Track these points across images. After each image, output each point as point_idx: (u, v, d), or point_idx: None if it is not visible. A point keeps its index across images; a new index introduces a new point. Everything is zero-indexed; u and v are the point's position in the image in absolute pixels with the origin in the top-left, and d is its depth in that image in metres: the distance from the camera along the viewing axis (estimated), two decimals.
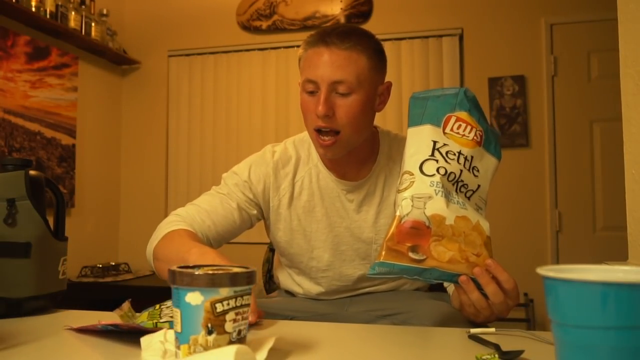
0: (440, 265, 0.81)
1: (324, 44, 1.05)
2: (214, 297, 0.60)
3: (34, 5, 2.71)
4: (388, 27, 3.31)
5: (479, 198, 0.90)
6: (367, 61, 1.06)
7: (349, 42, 1.04)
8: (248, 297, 0.63)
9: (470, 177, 0.88)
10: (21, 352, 0.76)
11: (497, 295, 0.82)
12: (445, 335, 0.85)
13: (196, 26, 3.60)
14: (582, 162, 3.09)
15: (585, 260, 0.77)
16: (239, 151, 3.44)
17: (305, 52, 1.09)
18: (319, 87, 1.05)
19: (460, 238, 0.82)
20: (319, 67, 1.04)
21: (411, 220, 0.81)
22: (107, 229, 3.50)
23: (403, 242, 0.80)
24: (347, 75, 1.04)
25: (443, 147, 0.87)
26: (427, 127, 0.88)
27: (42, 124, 2.89)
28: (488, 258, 0.83)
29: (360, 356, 0.74)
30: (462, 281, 0.82)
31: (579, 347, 0.48)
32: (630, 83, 1.00)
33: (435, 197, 0.82)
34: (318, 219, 1.18)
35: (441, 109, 0.90)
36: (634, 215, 1.01)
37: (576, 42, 3.11)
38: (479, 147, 0.90)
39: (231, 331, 0.62)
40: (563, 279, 0.49)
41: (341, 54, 1.04)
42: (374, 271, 0.81)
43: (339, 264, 1.19)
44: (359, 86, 1.05)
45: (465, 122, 0.89)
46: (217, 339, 0.61)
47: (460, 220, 0.83)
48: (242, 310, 0.63)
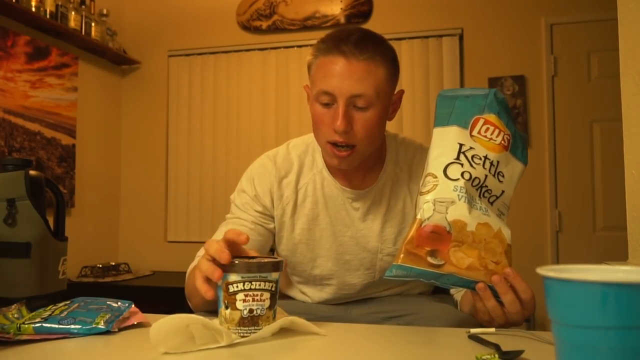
0: (458, 271, 0.80)
1: (341, 53, 0.98)
2: (227, 280, 0.78)
3: (34, 5, 2.71)
4: (388, 27, 3.31)
5: (502, 204, 0.89)
6: (385, 72, 1.01)
7: (367, 52, 0.98)
8: (260, 282, 0.77)
9: (494, 183, 0.87)
10: (21, 352, 0.76)
11: (513, 304, 0.82)
12: (445, 335, 0.85)
13: (196, 26, 3.60)
14: (582, 162, 3.08)
15: (585, 260, 0.77)
16: (239, 151, 3.44)
17: (317, 58, 1.03)
18: (335, 100, 1.00)
19: (480, 245, 0.81)
20: (335, 79, 0.98)
21: (432, 225, 0.80)
22: (107, 229, 3.50)
23: (422, 246, 0.79)
24: (366, 89, 0.98)
25: (469, 151, 0.85)
26: (454, 128, 0.86)
27: (42, 124, 2.89)
28: (507, 266, 0.82)
29: (361, 356, 0.74)
30: (479, 288, 0.81)
31: (579, 347, 0.48)
32: (630, 83, 1.00)
33: (458, 203, 0.81)
34: (322, 228, 1.15)
35: (469, 110, 0.88)
36: (634, 215, 1.01)
37: (576, 42, 3.11)
38: (505, 151, 0.88)
39: (242, 308, 0.77)
40: (563, 279, 0.49)
41: (360, 65, 0.98)
42: (392, 273, 0.80)
43: (343, 273, 1.16)
44: (377, 99, 1.01)
45: (493, 125, 0.87)
46: (231, 313, 0.78)
47: (481, 227, 0.82)
48: (253, 293, 0.77)
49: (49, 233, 0.99)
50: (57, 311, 0.86)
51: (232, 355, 0.73)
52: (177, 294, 2.89)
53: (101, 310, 0.88)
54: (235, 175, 3.39)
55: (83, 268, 3.07)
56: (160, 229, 3.57)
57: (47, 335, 0.81)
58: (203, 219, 3.48)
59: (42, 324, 0.81)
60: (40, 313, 0.86)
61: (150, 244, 3.56)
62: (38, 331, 0.80)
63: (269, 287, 0.79)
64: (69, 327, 0.82)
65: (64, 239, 1.04)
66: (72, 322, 0.83)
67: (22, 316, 0.85)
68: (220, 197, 3.44)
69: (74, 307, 0.89)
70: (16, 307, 0.87)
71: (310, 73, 1.07)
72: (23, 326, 0.80)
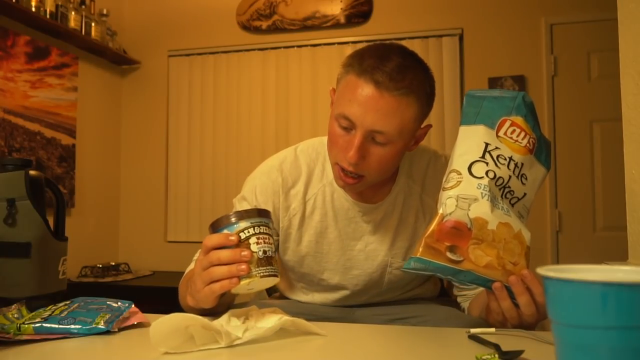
0: (476, 269, 0.80)
1: (374, 82, 0.92)
2: (238, 229, 0.84)
3: (34, 5, 2.71)
4: (388, 27, 3.31)
5: (523, 206, 0.89)
6: (414, 111, 0.95)
7: (401, 87, 0.92)
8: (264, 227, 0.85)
9: (517, 184, 0.87)
10: (21, 352, 0.76)
11: (529, 306, 0.81)
12: (445, 335, 0.85)
13: (196, 26, 3.60)
14: (582, 162, 3.08)
15: (585, 260, 0.77)
16: (239, 151, 3.44)
17: (348, 74, 0.97)
18: (354, 128, 0.95)
19: (500, 244, 0.81)
20: (360, 108, 0.93)
21: (453, 220, 0.80)
22: (107, 229, 3.50)
23: (442, 241, 0.79)
24: (390, 128, 0.93)
25: (495, 151, 0.85)
26: (481, 127, 0.87)
27: (42, 124, 2.89)
28: (525, 268, 0.82)
29: (361, 356, 0.74)
30: (495, 287, 0.81)
31: (579, 347, 0.48)
32: (630, 83, 1.00)
33: (480, 200, 0.81)
34: (330, 241, 1.11)
35: (497, 111, 0.88)
36: (634, 215, 1.01)
37: (576, 42, 3.11)
38: (530, 154, 0.88)
39: (256, 250, 0.83)
40: (563, 279, 0.49)
41: (390, 100, 0.92)
42: (409, 266, 0.79)
43: (351, 287, 1.14)
44: (399, 137, 0.96)
45: (520, 127, 0.88)
46: None
47: (502, 226, 0.82)
48: (262, 236, 0.84)
49: (49, 233, 0.99)
50: (57, 311, 0.86)
51: (232, 355, 0.73)
52: (177, 294, 2.90)
53: (101, 310, 0.88)
54: (235, 175, 3.40)
55: (83, 268, 3.07)
56: (160, 229, 3.57)
57: (47, 335, 0.81)
58: (203, 219, 3.48)
59: (42, 324, 0.81)
60: (40, 313, 0.86)
61: (150, 244, 3.56)
62: (38, 331, 0.80)
63: (271, 232, 0.87)
64: (69, 327, 0.82)
65: (64, 239, 1.04)
66: (72, 322, 0.83)
67: (22, 316, 0.85)
68: (220, 197, 3.44)
69: (74, 307, 0.89)
70: (16, 307, 0.87)
71: (338, 86, 1.01)
72: (23, 326, 0.80)
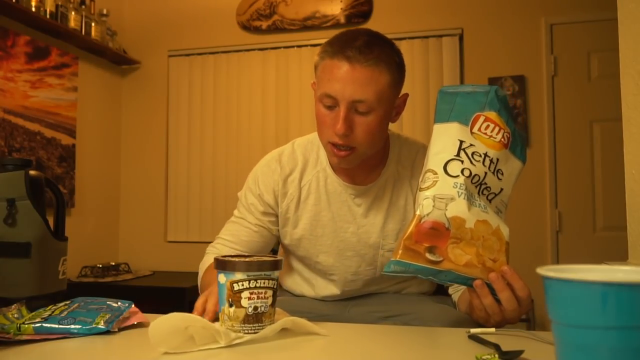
0: (456, 268, 0.80)
1: (345, 58, 1.00)
2: (232, 279, 0.79)
3: (34, 5, 2.71)
4: (388, 27, 3.30)
5: (501, 201, 0.89)
6: (388, 78, 1.02)
7: (371, 58, 1.00)
8: (264, 280, 0.80)
9: (494, 180, 0.87)
10: (21, 352, 0.76)
11: (510, 302, 0.83)
12: (445, 335, 0.85)
13: (196, 26, 3.60)
14: (582, 162, 3.08)
15: (585, 260, 0.77)
16: (239, 151, 3.44)
17: (323, 60, 1.05)
18: (337, 104, 1.02)
19: (478, 242, 0.81)
20: (339, 83, 1.01)
21: (431, 221, 0.80)
22: (107, 229, 3.50)
23: (421, 242, 0.79)
24: (368, 95, 1.00)
25: (469, 148, 0.85)
26: (455, 125, 0.86)
27: (42, 124, 2.89)
28: (505, 264, 0.83)
29: (361, 356, 0.74)
30: (476, 285, 0.82)
31: (579, 347, 0.48)
32: (630, 83, 1.00)
33: (457, 199, 0.81)
34: (324, 224, 1.17)
35: (470, 107, 0.87)
36: (634, 215, 1.01)
37: (576, 42, 3.11)
38: (505, 149, 0.88)
39: (247, 306, 0.79)
40: (563, 279, 0.49)
41: (363, 70, 0.99)
42: (390, 269, 0.80)
43: (344, 269, 1.18)
44: (379, 104, 1.02)
45: (494, 122, 0.87)
46: (236, 311, 0.79)
47: (480, 224, 0.82)
48: (257, 291, 0.79)
49: (49, 233, 0.99)
50: (57, 311, 0.86)
51: (232, 355, 0.73)
52: (177, 294, 2.91)
53: (101, 310, 0.88)
54: (235, 175, 3.40)
55: (83, 268, 3.07)
56: (160, 229, 3.57)
57: (47, 335, 0.81)
58: (203, 219, 3.48)
59: (42, 324, 0.81)
60: (40, 313, 0.86)
61: (150, 244, 3.56)
62: (38, 331, 0.80)
63: (272, 285, 0.81)
64: (69, 327, 0.82)
65: (64, 239, 1.04)
66: (72, 322, 0.83)
67: (22, 316, 0.85)
68: (220, 197, 3.44)
69: (74, 307, 0.89)
70: (16, 307, 0.87)
71: (316, 73, 1.09)
72: (23, 326, 0.80)
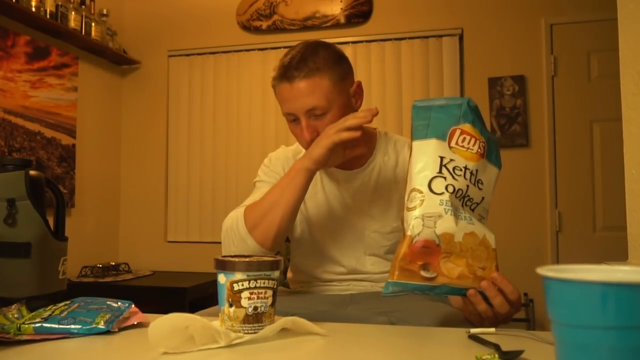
0: (450, 281, 0.84)
1: (286, 79, 1.14)
2: (232, 278, 0.79)
3: (34, 5, 2.71)
4: (388, 27, 3.31)
5: (482, 209, 0.92)
6: (328, 80, 1.14)
7: (305, 69, 1.13)
8: (264, 280, 0.80)
9: (475, 191, 0.89)
10: (21, 352, 0.76)
11: (503, 306, 0.87)
12: (445, 335, 0.85)
13: (196, 26, 3.60)
14: (582, 162, 3.08)
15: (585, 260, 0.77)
16: (239, 151, 3.44)
17: (275, 88, 1.20)
18: (297, 117, 1.16)
19: (467, 253, 0.85)
20: (289, 101, 1.15)
21: (422, 240, 0.83)
22: (107, 229, 3.50)
23: (415, 261, 0.83)
24: (317, 101, 1.13)
25: (450, 163, 0.87)
26: (433, 141, 0.89)
27: (42, 124, 2.89)
28: (494, 271, 0.86)
29: (361, 356, 0.74)
30: (470, 295, 0.86)
31: (579, 347, 0.48)
32: (630, 83, 1.00)
33: (445, 216, 0.84)
34: (319, 204, 1.28)
35: (446, 122, 0.90)
36: (634, 215, 1.01)
37: (576, 42, 3.11)
38: (482, 159, 0.90)
39: (246, 306, 0.79)
40: (563, 279, 0.49)
41: (302, 84, 1.13)
42: (388, 290, 0.83)
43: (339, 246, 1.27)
44: (331, 103, 1.14)
45: (469, 134, 0.90)
46: (236, 311, 0.79)
47: (468, 236, 0.85)
48: (257, 291, 0.79)
49: (49, 233, 0.99)
50: (57, 311, 0.86)
51: (232, 355, 0.73)
52: (177, 294, 2.91)
53: (101, 310, 0.88)
54: (235, 175, 3.40)
55: (83, 268, 3.07)
56: (160, 229, 3.57)
57: (47, 335, 0.81)
58: (203, 219, 3.48)
59: (42, 324, 0.81)
60: (40, 313, 0.86)
61: (150, 244, 3.56)
62: (38, 331, 0.80)
63: (272, 284, 0.82)
64: (69, 327, 0.82)
65: (64, 239, 1.04)
66: (72, 322, 0.83)
67: (22, 316, 0.85)
68: (220, 197, 3.44)
69: (74, 307, 0.89)
70: (16, 307, 0.87)
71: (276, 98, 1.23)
72: (23, 326, 0.80)
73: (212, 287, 1.10)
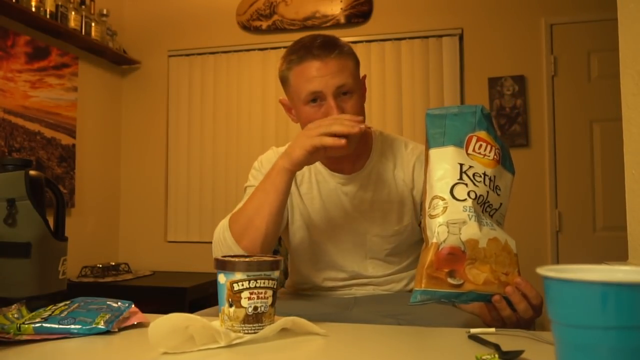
0: (476, 288, 0.83)
1: (314, 57, 1.12)
2: (232, 278, 0.79)
3: (34, 5, 2.71)
4: (388, 27, 3.31)
5: (500, 214, 0.92)
6: (353, 62, 1.17)
7: (335, 50, 1.13)
8: (264, 280, 0.80)
9: (494, 197, 0.90)
10: (21, 352, 0.76)
11: (527, 311, 0.87)
12: (445, 335, 0.85)
13: (196, 26, 3.60)
14: (582, 162, 3.08)
15: (585, 260, 0.77)
16: (239, 151, 3.44)
17: (292, 70, 1.16)
18: (324, 97, 1.12)
19: (491, 259, 0.85)
20: (319, 79, 1.12)
21: (448, 247, 0.83)
22: (107, 229, 3.50)
23: (441, 269, 0.83)
24: (346, 78, 1.13)
25: (469, 170, 0.88)
26: (451, 148, 0.89)
27: (42, 124, 2.89)
28: (517, 276, 0.86)
29: (361, 356, 0.74)
30: (495, 301, 0.85)
31: (579, 347, 0.48)
32: (630, 83, 1.00)
33: (469, 222, 0.84)
34: (317, 210, 1.25)
35: (462, 129, 0.90)
36: (634, 215, 1.01)
37: (576, 42, 3.11)
38: (498, 165, 0.91)
39: (246, 306, 0.79)
40: (563, 279, 0.49)
41: (333, 62, 1.12)
42: (416, 299, 0.83)
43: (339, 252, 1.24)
44: (356, 85, 1.16)
45: (485, 141, 0.90)
46: (236, 311, 0.79)
47: (491, 242, 0.85)
48: (257, 291, 0.79)
49: (49, 233, 0.99)
50: (57, 311, 0.86)
51: (232, 355, 0.73)
52: (177, 294, 2.91)
53: (101, 310, 0.88)
54: (235, 176, 3.40)
55: (83, 268, 3.07)
56: (160, 229, 3.57)
57: (47, 335, 0.81)
58: (203, 219, 3.48)
59: (42, 324, 0.81)
60: (40, 313, 0.86)
61: (150, 244, 3.56)
62: (38, 331, 0.80)
63: (272, 284, 0.82)
64: (69, 327, 0.82)
65: (64, 239, 1.04)
66: (72, 322, 0.83)
67: (22, 316, 0.85)
68: (220, 197, 3.44)
69: (74, 307, 0.89)
70: (16, 307, 0.87)
71: (288, 84, 1.19)
72: (23, 326, 0.80)
73: (212, 287, 1.10)
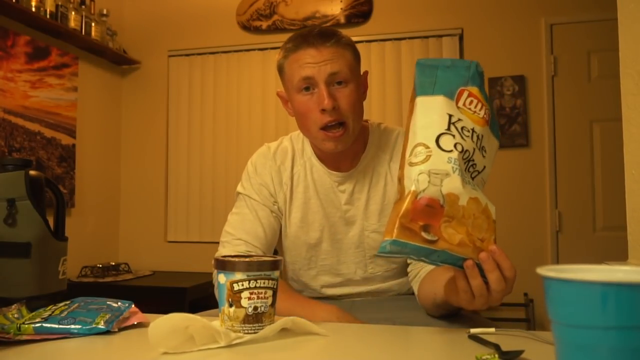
0: (450, 248, 0.76)
1: (310, 45, 1.11)
2: (232, 278, 0.79)
3: (34, 5, 2.71)
4: (388, 27, 3.31)
5: (481, 179, 0.86)
6: (351, 53, 1.14)
7: (331, 39, 1.11)
8: (264, 280, 0.80)
9: (479, 157, 0.84)
10: (21, 352, 0.76)
11: (499, 282, 0.79)
12: (445, 335, 0.85)
13: (196, 26, 3.60)
14: (582, 162, 3.08)
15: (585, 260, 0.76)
16: (239, 151, 3.44)
17: (288, 58, 1.14)
18: (316, 84, 1.10)
19: (469, 221, 0.78)
20: (312, 65, 1.10)
21: (427, 197, 0.76)
22: (107, 229, 3.50)
23: (416, 220, 0.75)
24: (340, 67, 1.10)
25: (458, 122, 0.81)
26: (440, 98, 0.83)
27: (42, 124, 2.89)
28: (492, 244, 0.79)
29: (361, 356, 0.74)
30: (467, 266, 0.78)
31: (579, 347, 0.48)
32: (630, 83, 1.00)
33: (452, 175, 0.77)
34: (314, 211, 1.23)
35: (454, 81, 0.84)
36: (634, 215, 1.01)
37: (576, 42, 3.11)
38: (487, 126, 0.85)
39: (246, 306, 0.79)
40: (563, 279, 0.49)
41: (328, 50, 1.10)
42: (385, 250, 0.75)
43: (337, 253, 1.23)
44: (352, 76, 1.13)
45: (477, 98, 0.85)
46: (236, 311, 0.79)
47: (472, 201, 0.79)
48: (257, 291, 0.79)
49: (49, 233, 0.99)
50: (57, 311, 0.86)
51: (232, 355, 0.73)
52: (177, 294, 2.91)
53: (101, 310, 0.88)
54: (235, 176, 3.39)
55: (83, 268, 3.07)
56: (160, 229, 3.57)
57: (47, 335, 0.81)
58: (203, 219, 3.48)
59: (42, 324, 0.81)
60: (40, 313, 0.86)
61: (150, 244, 3.56)
62: (38, 331, 0.80)
63: (272, 284, 0.81)
64: (69, 327, 0.82)
65: (64, 239, 1.04)
66: (72, 322, 0.83)
67: (22, 316, 0.85)
68: (220, 197, 3.44)
69: (74, 307, 0.89)
70: (16, 307, 0.87)
71: (284, 73, 1.17)
72: (23, 326, 0.80)
73: (212, 287, 1.09)
